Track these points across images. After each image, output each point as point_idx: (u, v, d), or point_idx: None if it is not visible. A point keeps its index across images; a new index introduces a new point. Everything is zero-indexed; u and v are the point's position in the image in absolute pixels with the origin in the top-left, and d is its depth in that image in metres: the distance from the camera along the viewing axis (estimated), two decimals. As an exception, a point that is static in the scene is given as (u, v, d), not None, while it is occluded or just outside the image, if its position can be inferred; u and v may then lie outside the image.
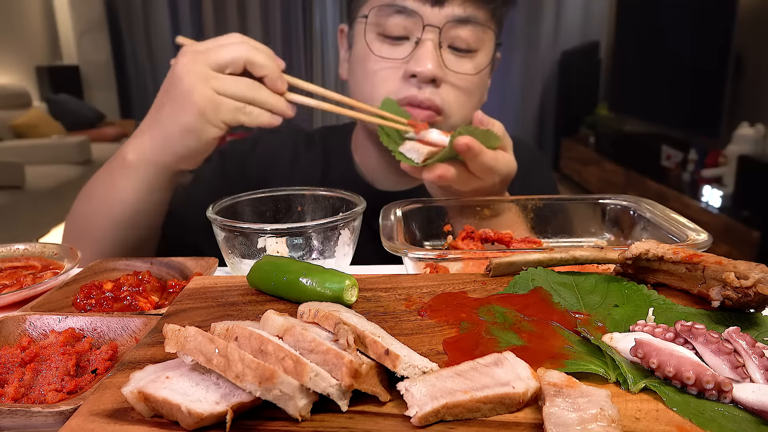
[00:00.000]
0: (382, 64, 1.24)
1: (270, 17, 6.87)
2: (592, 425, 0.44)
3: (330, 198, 1.10)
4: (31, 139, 5.62)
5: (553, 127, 7.15)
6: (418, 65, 1.19)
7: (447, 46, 1.22)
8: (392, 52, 1.23)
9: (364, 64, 1.26)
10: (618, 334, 0.57)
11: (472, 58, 1.25)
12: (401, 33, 1.22)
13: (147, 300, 0.86)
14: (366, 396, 0.50)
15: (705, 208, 4.21)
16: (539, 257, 0.76)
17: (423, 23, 1.19)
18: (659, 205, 1.05)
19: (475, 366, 0.52)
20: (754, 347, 0.52)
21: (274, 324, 0.56)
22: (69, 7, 7.11)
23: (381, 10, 1.22)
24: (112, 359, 0.68)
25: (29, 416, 0.55)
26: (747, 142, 3.99)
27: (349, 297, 0.69)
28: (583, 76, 6.74)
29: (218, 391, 0.49)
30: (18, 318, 0.75)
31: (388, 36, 1.23)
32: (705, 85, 4.34)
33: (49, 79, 6.79)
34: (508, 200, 1.14)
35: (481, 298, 0.70)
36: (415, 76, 1.20)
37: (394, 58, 1.23)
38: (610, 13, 6.44)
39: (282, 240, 0.91)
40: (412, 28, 1.21)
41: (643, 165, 5.20)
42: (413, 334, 0.62)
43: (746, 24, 3.94)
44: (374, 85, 1.25)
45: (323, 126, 1.65)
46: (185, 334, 0.51)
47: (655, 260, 0.70)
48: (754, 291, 0.59)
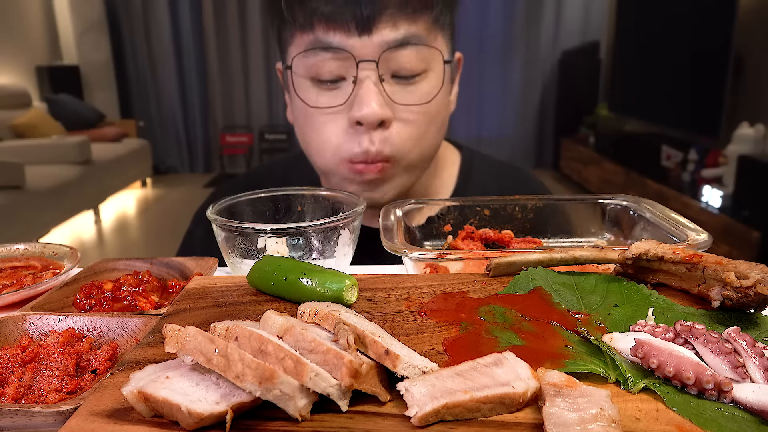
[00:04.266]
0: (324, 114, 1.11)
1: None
2: (592, 425, 0.44)
3: (330, 198, 1.10)
4: (31, 139, 5.62)
5: (553, 127, 7.16)
6: (361, 110, 1.05)
7: (390, 77, 1.09)
8: (330, 99, 1.10)
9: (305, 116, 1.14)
10: (618, 334, 0.57)
11: (420, 84, 1.11)
12: (335, 75, 1.08)
13: (147, 300, 0.86)
14: (366, 396, 0.50)
15: (705, 208, 4.20)
16: (539, 257, 0.76)
17: (355, 59, 1.05)
18: (659, 205, 1.04)
19: (475, 366, 0.52)
20: (754, 347, 0.52)
21: (274, 324, 0.56)
22: (69, 7, 7.11)
23: (306, 55, 1.08)
24: (112, 359, 0.68)
25: (29, 416, 0.55)
26: (747, 142, 3.98)
27: (349, 297, 0.69)
28: (583, 76, 6.74)
29: (218, 391, 0.49)
30: (18, 318, 0.75)
31: (321, 80, 1.09)
32: (705, 85, 4.34)
33: (49, 79, 6.79)
34: (508, 200, 1.14)
35: (481, 298, 0.70)
36: (360, 123, 1.07)
37: (333, 106, 1.09)
38: (610, 13, 6.45)
39: (282, 240, 0.91)
40: (345, 66, 1.07)
41: (643, 165, 5.19)
42: (413, 334, 0.62)
43: (746, 24, 3.94)
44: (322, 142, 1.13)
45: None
46: (185, 334, 0.51)
47: (655, 260, 0.70)
48: (754, 291, 0.59)
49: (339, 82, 1.10)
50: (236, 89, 7.26)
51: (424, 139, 1.15)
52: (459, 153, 1.42)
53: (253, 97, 7.27)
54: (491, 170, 1.43)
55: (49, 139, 5.63)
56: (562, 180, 6.76)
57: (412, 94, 1.10)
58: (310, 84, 1.11)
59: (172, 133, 7.41)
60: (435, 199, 1.14)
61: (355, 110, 1.07)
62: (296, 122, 1.21)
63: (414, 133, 1.13)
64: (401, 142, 1.11)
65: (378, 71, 1.06)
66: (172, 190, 6.82)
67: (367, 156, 1.10)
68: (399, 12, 1.05)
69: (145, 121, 7.27)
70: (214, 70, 7.23)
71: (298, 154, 1.36)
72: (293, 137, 5.99)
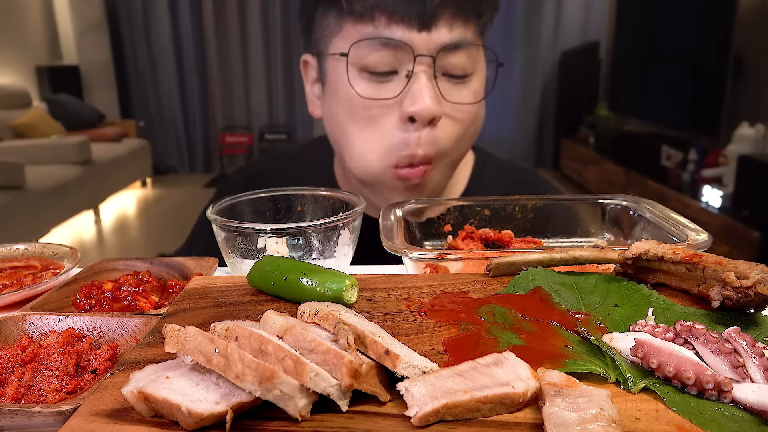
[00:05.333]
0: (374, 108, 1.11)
1: (270, 18, 6.87)
2: (592, 425, 0.44)
3: (330, 198, 1.10)
4: (31, 139, 5.62)
5: (553, 127, 7.15)
6: (415, 104, 1.07)
7: (441, 74, 1.11)
8: (380, 91, 1.11)
9: (350, 108, 1.13)
10: (618, 334, 0.57)
11: (469, 84, 1.14)
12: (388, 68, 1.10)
13: (147, 300, 0.86)
14: (366, 396, 0.50)
15: (705, 208, 4.20)
16: (539, 257, 0.76)
17: (414, 53, 1.07)
18: (659, 205, 1.04)
19: (475, 366, 0.52)
20: (754, 347, 0.52)
21: (274, 324, 0.56)
22: (69, 7, 7.11)
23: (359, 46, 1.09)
24: (112, 359, 0.68)
25: (29, 416, 0.55)
26: (747, 142, 3.98)
27: (349, 297, 0.69)
28: (583, 76, 6.73)
29: (218, 391, 0.49)
30: (18, 318, 0.75)
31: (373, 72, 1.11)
32: (705, 85, 4.34)
33: (49, 79, 6.79)
34: (508, 200, 1.13)
35: (481, 298, 0.70)
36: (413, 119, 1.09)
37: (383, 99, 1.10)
38: (610, 13, 6.44)
39: (282, 240, 0.91)
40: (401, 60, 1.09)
41: (643, 165, 5.19)
42: (413, 334, 0.62)
43: (746, 24, 3.94)
44: (368, 141, 1.12)
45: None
46: (185, 334, 0.51)
47: (655, 260, 0.70)
48: (754, 291, 0.59)
49: (391, 75, 1.12)
50: (236, 89, 7.25)
51: (464, 140, 1.19)
52: (473, 154, 1.45)
53: (253, 97, 7.27)
54: (501, 171, 1.46)
55: (49, 139, 5.64)
56: (562, 180, 6.76)
57: (461, 93, 1.14)
58: (357, 75, 1.12)
59: (172, 133, 7.40)
60: (435, 199, 1.14)
61: (408, 104, 1.09)
62: (333, 118, 1.19)
63: (458, 132, 1.16)
64: (446, 141, 1.14)
65: (434, 68, 1.09)
66: (172, 190, 6.81)
67: (413, 159, 1.12)
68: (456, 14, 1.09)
69: (145, 121, 7.27)
70: (214, 70, 7.22)
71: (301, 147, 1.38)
72: (293, 137, 6.00)
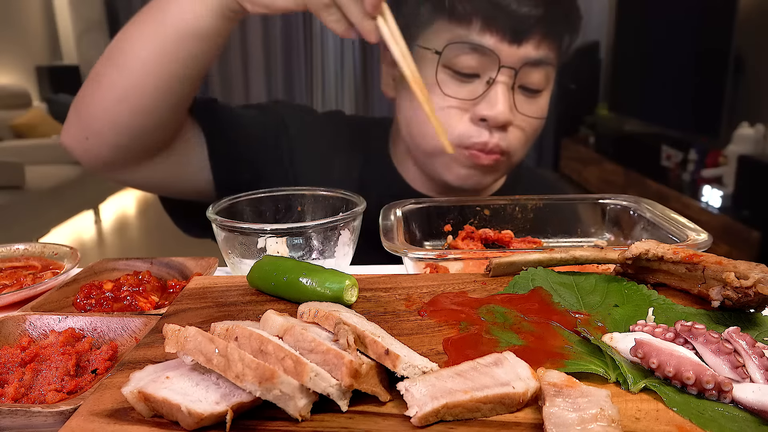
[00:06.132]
0: (449, 101, 1.17)
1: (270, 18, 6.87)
2: (592, 425, 0.44)
3: (330, 198, 1.10)
4: (31, 139, 5.62)
5: (553, 127, 7.14)
6: (491, 109, 1.13)
7: (517, 87, 1.17)
8: (460, 90, 1.17)
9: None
10: (618, 334, 0.57)
11: (537, 99, 1.21)
12: (472, 71, 1.16)
13: (147, 300, 0.86)
14: (366, 396, 0.50)
15: (705, 208, 4.20)
16: (539, 257, 0.76)
17: (499, 63, 1.13)
18: (659, 205, 1.05)
19: (475, 366, 0.52)
20: (754, 347, 0.52)
21: (274, 324, 0.56)
22: (69, 7, 7.10)
23: (454, 47, 1.15)
24: (112, 359, 0.68)
25: (29, 416, 0.55)
26: (747, 142, 3.98)
27: (349, 297, 0.69)
28: (583, 76, 6.73)
29: (218, 391, 0.49)
30: (18, 318, 0.75)
31: (458, 72, 1.16)
32: (705, 85, 4.34)
33: (49, 79, 6.79)
34: (508, 200, 1.14)
35: (481, 298, 0.70)
36: (485, 119, 1.15)
37: (462, 98, 1.17)
38: (610, 13, 6.43)
39: (282, 240, 0.91)
40: (486, 66, 1.15)
41: (643, 165, 5.18)
42: (413, 334, 0.62)
43: (746, 24, 3.94)
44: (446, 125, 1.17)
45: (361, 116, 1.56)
46: (185, 334, 0.51)
47: (655, 260, 0.70)
48: (754, 291, 0.59)
49: (472, 78, 1.17)
50: (236, 89, 7.26)
51: (525, 147, 1.25)
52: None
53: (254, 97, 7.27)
54: (533, 176, 1.55)
55: (49, 139, 5.63)
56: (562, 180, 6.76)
57: (532, 106, 1.21)
58: (441, 70, 1.18)
59: (171, 133, 7.40)
60: (435, 199, 1.14)
61: (483, 107, 1.15)
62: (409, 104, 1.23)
63: (523, 139, 1.22)
64: (514, 143, 1.21)
65: (514, 79, 1.15)
66: (172, 190, 6.81)
67: (485, 146, 1.17)
68: (547, 35, 1.15)
69: (145, 121, 7.26)
70: (214, 70, 7.22)
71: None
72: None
